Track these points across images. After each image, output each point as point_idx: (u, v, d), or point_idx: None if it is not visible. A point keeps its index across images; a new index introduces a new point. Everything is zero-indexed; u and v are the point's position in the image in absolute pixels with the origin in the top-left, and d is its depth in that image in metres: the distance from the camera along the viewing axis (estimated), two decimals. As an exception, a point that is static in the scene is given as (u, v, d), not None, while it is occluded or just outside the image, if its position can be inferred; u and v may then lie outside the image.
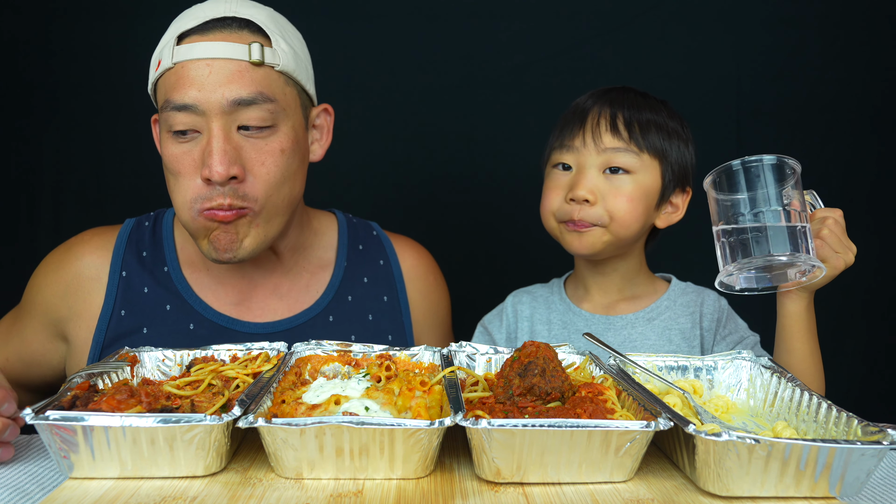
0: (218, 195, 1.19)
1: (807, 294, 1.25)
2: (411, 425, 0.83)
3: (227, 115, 1.19)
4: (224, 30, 1.21)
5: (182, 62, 1.19)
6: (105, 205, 2.26)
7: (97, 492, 0.83)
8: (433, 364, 1.14)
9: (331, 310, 1.42)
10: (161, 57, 1.23)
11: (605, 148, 1.35)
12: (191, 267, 1.39)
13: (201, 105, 1.18)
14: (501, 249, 2.39)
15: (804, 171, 1.19)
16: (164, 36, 1.26)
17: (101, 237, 1.40)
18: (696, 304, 1.44)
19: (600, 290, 1.48)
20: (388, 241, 1.54)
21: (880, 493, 0.91)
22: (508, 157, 2.35)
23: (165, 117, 1.20)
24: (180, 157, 1.21)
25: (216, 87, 1.17)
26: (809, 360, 1.24)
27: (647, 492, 0.87)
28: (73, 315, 1.34)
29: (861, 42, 2.31)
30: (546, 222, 1.44)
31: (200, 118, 1.18)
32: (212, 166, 1.16)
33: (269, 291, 1.41)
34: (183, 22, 1.24)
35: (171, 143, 1.22)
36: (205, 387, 1.01)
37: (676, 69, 2.29)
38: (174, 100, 1.18)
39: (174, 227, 1.42)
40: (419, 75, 2.29)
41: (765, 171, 1.17)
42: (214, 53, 1.18)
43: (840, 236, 1.22)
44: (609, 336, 1.43)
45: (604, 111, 1.38)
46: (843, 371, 2.37)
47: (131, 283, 1.35)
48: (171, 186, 1.25)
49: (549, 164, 1.45)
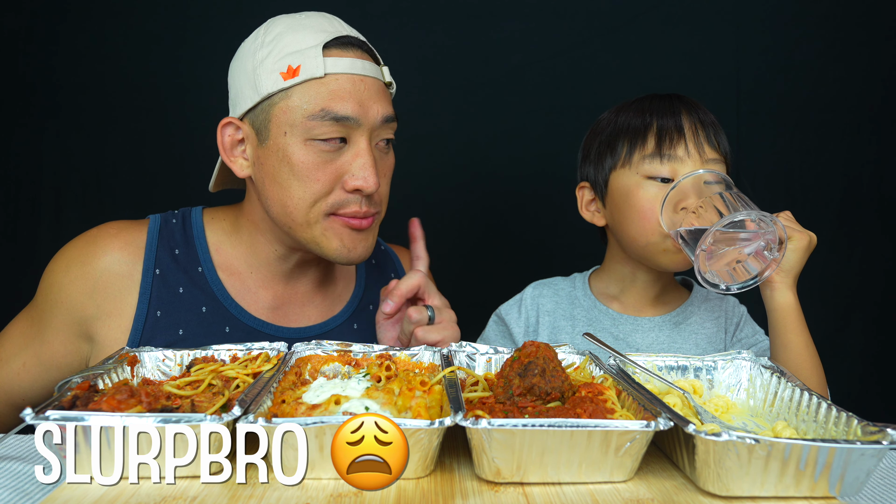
0: (355, 203, 1.26)
1: (790, 282, 1.27)
2: (411, 425, 0.83)
3: (375, 131, 1.28)
4: (358, 49, 1.28)
5: (336, 74, 1.23)
6: (105, 205, 2.26)
7: (97, 492, 0.83)
8: (433, 364, 1.14)
9: (355, 318, 1.48)
10: (300, 63, 1.22)
11: (708, 159, 1.34)
12: (226, 270, 1.38)
13: (360, 118, 1.24)
14: (501, 249, 2.39)
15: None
16: (288, 43, 1.24)
17: (129, 232, 1.35)
18: (720, 310, 1.48)
19: (637, 293, 1.48)
20: (394, 254, 1.62)
21: (880, 493, 0.91)
22: (508, 157, 2.35)
23: (312, 125, 1.22)
24: (321, 164, 1.24)
25: (372, 104, 1.26)
26: (806, 353, 1.26)
27: (647, 492, 0.87)
28: (102, 314, 1.30)
29: (861, 42, 2.31)
30: (649, 238, 1.35)
31: (353, 130, 1.24)
32: (367, 178, 1.24)
33: (306, 298, 1.44)
34: (308, 34, 1.24)
35: (310, 150, 1.24)
36: (205, 387, 1.01)
37: (676, 69, 2.30)
38: (334, 110, 1.22)
39: (205, 228, 1.41)
40: (419, 75, 2.29)
41: (691, 183, 1.28)
42: (364, 71, 1.26)
43: (794, 221, 1.29)
44: (636, 337, 1.44)
45: (696, 122, 1.35)
46: (843, 371, 2.37)
47: (167, 282, 1.33)
48: (291, 192, 1.25)
49: (637, 174, 1.36)
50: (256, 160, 1.29)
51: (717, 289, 1.23)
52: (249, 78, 1.26)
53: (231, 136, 1.31)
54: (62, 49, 2.21)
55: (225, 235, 1.41)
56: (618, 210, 1.40)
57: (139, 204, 2.22)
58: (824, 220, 2.33)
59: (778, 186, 2.34)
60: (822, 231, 1.31)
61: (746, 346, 1.41)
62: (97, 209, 2.25)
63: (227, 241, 1.40)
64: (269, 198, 1.29)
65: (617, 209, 1.40)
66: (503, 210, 2.38)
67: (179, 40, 2.23)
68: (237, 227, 1.41)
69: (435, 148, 2.33)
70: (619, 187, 1.39)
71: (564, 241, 2.23)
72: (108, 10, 2.21)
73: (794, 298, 1.27)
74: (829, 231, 2.32)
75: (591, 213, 1.49)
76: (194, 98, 2.22)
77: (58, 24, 2.21)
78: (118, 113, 2.24)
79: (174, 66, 2.24)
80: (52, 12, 2.20)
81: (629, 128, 1.39)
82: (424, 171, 2.35)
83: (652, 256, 1.37)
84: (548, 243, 2.36)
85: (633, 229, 1.36)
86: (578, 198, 1.51)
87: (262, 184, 1.29)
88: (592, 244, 1.67)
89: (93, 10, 2.20)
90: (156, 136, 2.26)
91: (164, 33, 2.21)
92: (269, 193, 1.28)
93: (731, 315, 1.48)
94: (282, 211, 1.28)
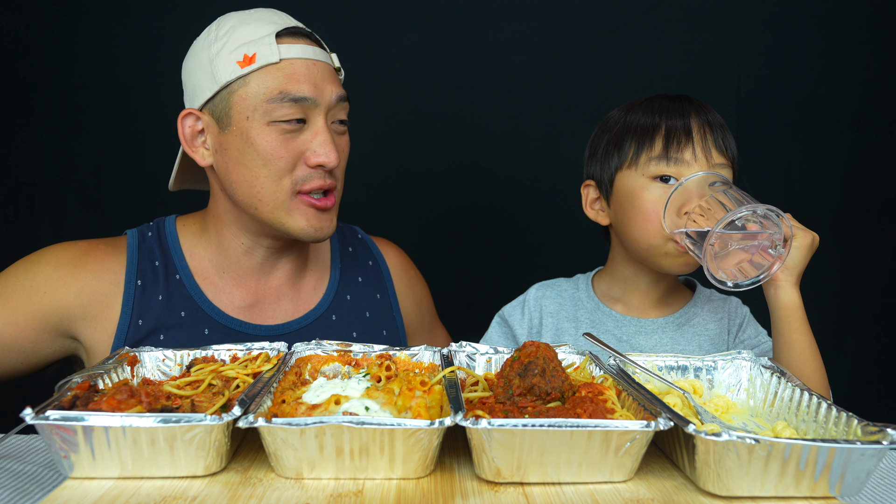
0: (318, 177, 1.33)
1: (794, 281, 1.27)
2: (411, 425, 0.83)
3: (331, 110, 1.34)
4: (307, 37, 1.36)
5: (290, 59, 1.30)
6: (105, 204, 2.26)
7: (97, 492, 0.83)
8: (433, 364, 1.14)
9: (333, 309, 1.51)
10: (255, 51, 1.29)
11: (715, 164, 1.33)
12: (201, 274, 1.43)
13: (317, 98, 1.31)
14: (501, 249, 2.39)
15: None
16: (241, 34, 1.31)
17: (114, 247, 1.41)
18: (723, 311, 1.47)
19: (641, 294, 1.48)
20: (373, 242, 1.66)
21: (880, 493, 0.91)
22: (508, 157, 2.35)
23: (272, 108, 1.29)
24: (283, 144, 1.30)
25: (325, 85, 1.33)
26: (809, 353, 1.25)
27: (647, 492, 0.87)
28: (88, 316, 1.34)
29: (861, 42, 2.31)
30: (652, 241, 1.34)
31: (311, 110, 1.31)
32: (328, 153, 1.31)
33: (279, 294, 1.47)
34: (260, 26, 1.31)
35: (272, 133, 1.30)
36: (205, 387, 1.01)
37: (676, 69, 2.30)
38: (292, 92, 1.28)
39: (179, 236, 1.45)
40: (419, 75, 2.29)
41: (695, 185, 1.29)
42: (316, 56, 1.34)
43: (797, 223, 1.28)
44: (640, 340, 1.44)
45: (704, 125, 1.34)
46: (843, 371, 2.37)
47: (147, 292, 1.38)
48: (257, 172, 1.31)
49: (643, 176, 1.35)
50: (219, 147, 1.34)
51: (725, 286, 1.23)
52: (206, 70, 1.32)
53: (191, 127, 1.36)
54: (62, 49, 2.21)
55: (196, 239, 1.46)
56: (622, 210, 1.40)
57: (139, 203, 2.23)
58: (824, 219, 2.33)
59: (778, 186, 2.34)
60: (822, 231, 1.31)
61: (749, 347, 1.41)
62: (97, 209, 2.26)
63: (199, 244, 1.45)
64: (234, 181, 1.33)
65: (621, 209, 1.40)
66: (503, 210, 2.38)
67: (180, 40, 2.21)
68: (205, 228, 1.46)
69: (435, 148, 2.33)
70: (624, 188, 1.39)
71: (565, 240, 2.23)
72: (109, 10, 2.21)
73: (798, 297, 1.27)
74: (830, 231, 2.32)
75: (595, 211, 1.49)
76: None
77: (58, 23, 2.21)
78: (118, 113, 2.24)
79: (174, 66, 2.23)
80: (51, 12, 2.20)
81: (637, 127, 1.38)
82: (425, 170, 2.36)
83: (654, 259, 1.36)
84: (548, 243, 2.37)
85: (636, 231, 1.36)
86: (583, 195, 1.50)
87: (225, 170, 1.34)
88: (592, 244, 1.67)
89: (93, 10, 2.20)
90: (156, 136, 2.25)
91: (164, 33, 2.21)
92: (233, 178, 1.33)
93: (735, 316, 1.47)
94: (248, 192, 1.32)
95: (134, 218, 1.54)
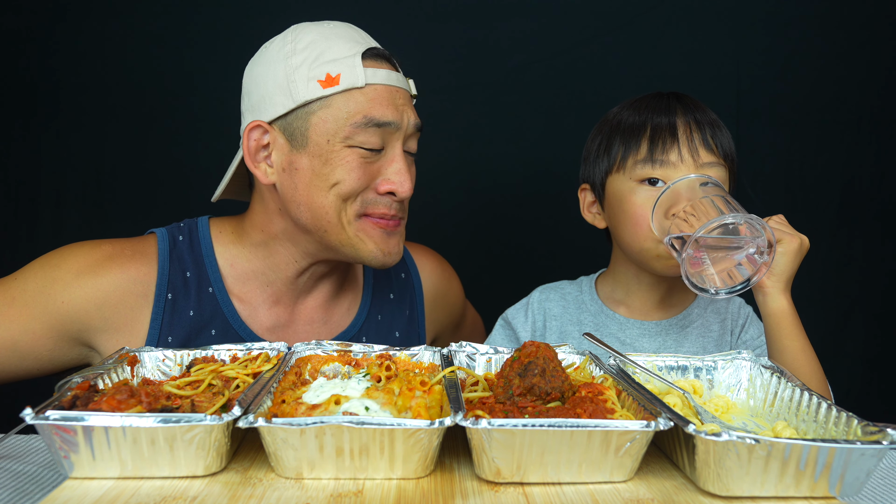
0: (384, 205, 1.31)
1: (782, 287, 1.24)
2: (411, 425, 0.83)
3: (408, 138, 1.33)
4: (387, 61, 1.33)
5: (374, 84, 1.28)
6: (106, 205, 2.26)
7: (97, 492, 0.83)
8: (433, 364, 1.14)
9: (364, 331, 1.49)
10: (339, 72, 1.25)
11: (703, 163, 1.31)
12: (236, 287, 1.38)
13: (399, 123, 1.29)
14: (501, 249, 2.39)
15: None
16: (324, 52, 1.26)
17: (143, 253, 1.35)
18: (726, 311, 1.47)
19: (643, 297, 1.47)
20: (407, 252, 1.59)
21: (880, 493, 0.91)
22: (508, 157, 2.35)
23: (355, 132, 1.26)
24: (361, 168, 1.28)
25: (406, 112, 1.32)
26: (802, 358, 1.24)
27: (647, 492, 0.86)
28: (110, 328, 1.30)
29: (861, 42, 2.31)
30: (643, 244, 1.34)
31: (390, 136, 1.30)
32: (403, 183, 1.29)
33: (312, 318, 1.44)
34: (343, 44, 1.28)
35: (352, 156, 1.27)
36: (205, 387, 1.01)
37: (676, 69, 2.30)
38: (376, 117, 1.26)
39: (214, 243, 1.40)
40: (419, 76, 2.29)
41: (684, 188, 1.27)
42: (399, 83, 1.32)
43: (787, 225, 1.26)
44: (643, 342, 1.44)
45: (691, 124, 1.33)
46: (843, 371, 2.37)
47: (177, 307, 1.34)
48: (327, 194, 1.27)
49: (630, 179, 1.35)
50: (287, 166, 1.28)
51: (707, 293, 1.22)
52: (281, 84, 1.26)
53: (257, 141, 1.30)
54: (62, 49, 2.21)
55: (235, 248, 1.40)
56: (613, 214, 1.40)
57: (139, 204, 2.22)
58: (824, 220, 2.33)
59: (778, 186, 2.34)
60: (821, 231, 1.31)
61: (752, 348, 1.40)
62: (97, 209, 2.25)
63: (240, 253, 1.39)
64: (302, 203, 1.28)
65: (613, 213, 1.40)
66: (503, 210, 2.38)
67: (180, 40, 2.23)
68: (246, 236, 1.39)
69: (435, 148, 2.32)
70: (615, 192, 1.39)
71: (566, 241, 2.23)
72: (109, 10, 2.21)
73: (788, 303, 1.25)
74: (829, 231, 2.32)
75: (592, 215, 1.49)
76: (194, 98, 2.22)
77: (58, 23, 2.21)
78: (118, 113, 2.24)
79: (175, 66, 2.24)
80: (52, 12, 2.20)
81: (625, 128, 1.38)
82: (425, 171, 2.35)
83: (646, 262, 1.36)
84: (549, 244, 2.36)
85: (627, 235, 1.36)
86: (581, 199, 1.50)
87: (293, 189, 1.29)
88: (594, 244, 1.67)
89: (93, 10, 2.21)
90: (156, 136, 2.26)
91: (165, 33, 2.21)
92: (301, 198, 1.28)
93: (737, 316, 1.47)
94: (317, 214, 1.28)
95: (134, 218, 1.53)
